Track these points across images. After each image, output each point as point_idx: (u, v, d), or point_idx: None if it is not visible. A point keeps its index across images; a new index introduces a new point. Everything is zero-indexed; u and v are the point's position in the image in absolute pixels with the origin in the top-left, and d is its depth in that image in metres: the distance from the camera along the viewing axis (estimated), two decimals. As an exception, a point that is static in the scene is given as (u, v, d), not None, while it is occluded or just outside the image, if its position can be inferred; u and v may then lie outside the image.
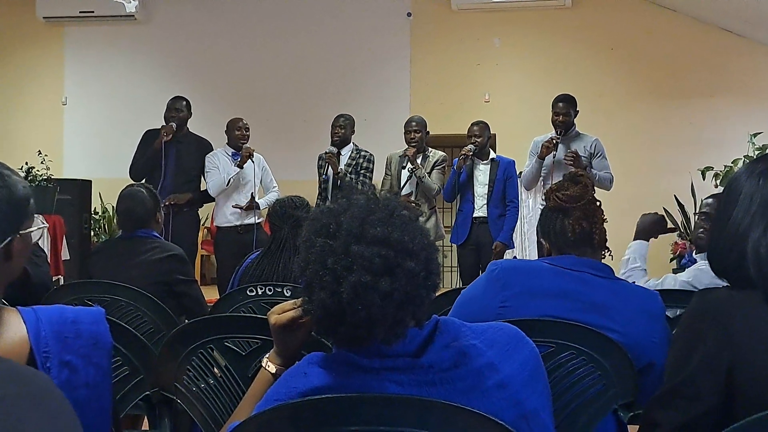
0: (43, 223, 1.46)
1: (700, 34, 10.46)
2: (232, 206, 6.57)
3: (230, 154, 6.68)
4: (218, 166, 6.62)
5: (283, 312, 1.65)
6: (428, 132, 6.76)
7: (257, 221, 6.54)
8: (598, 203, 2.47)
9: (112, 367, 1.54)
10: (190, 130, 6.83)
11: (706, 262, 3.70)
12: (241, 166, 6.56)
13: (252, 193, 6.62)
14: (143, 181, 6.10)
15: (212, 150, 6.76)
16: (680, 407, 1.59)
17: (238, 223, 6.57)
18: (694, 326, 1.63)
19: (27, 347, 1.43)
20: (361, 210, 1.41)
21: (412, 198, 6.44)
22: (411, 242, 1.38)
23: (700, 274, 3.53)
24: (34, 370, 0.90)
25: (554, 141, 6.19)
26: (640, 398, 2.16)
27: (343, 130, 6.73)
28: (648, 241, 3.94)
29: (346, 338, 1.40)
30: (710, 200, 3.93)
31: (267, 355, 1.72)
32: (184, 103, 6.69)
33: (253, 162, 6.58)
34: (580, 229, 2.41)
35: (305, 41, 11.16)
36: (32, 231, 1.50)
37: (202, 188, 6.77)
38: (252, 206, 6.51)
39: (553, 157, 6.23)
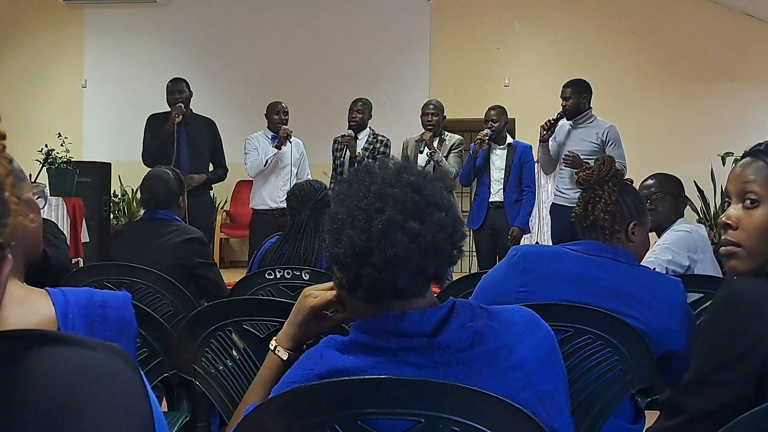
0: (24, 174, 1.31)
1: (722, 18, 10.35)
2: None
3: (270, 137, 6.75)
4: (257, 148, 6.70)
5: (318, 295, 1.66)
6: (445, 116, 6.76)
7: None
8: (600, 190, 2.45)
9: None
10: (205, 112, 6.83)
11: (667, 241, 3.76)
12: (279, 148, 6.61)
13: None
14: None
15: (217, 130, 6.78)
16: (710, 394, 1.57)
17: (274, 206, 6.61)
18: (727, 316, 1.59)
19: (55, 329, 1.41)
20: (397, 164, 1.46)
21: None
22: (441, 198, 1.43)
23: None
24: (93, 360, 0.82)
25: (550, 121, 6.15)
26: (658, 384, 2.15)
27: (360, 114, 6.75)
28: None
29: (370, 284, 1.40)
30: (649, 181, 3.93)
31: (275, 339, 1.72)
32: (184, 83, 6.64)
33: (290, 143, 6.64)
34: (583, 215, 2.46)
35: (325, 24, 11.14)
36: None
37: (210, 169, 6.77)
38: None
39: (554, 140, 6.23)
